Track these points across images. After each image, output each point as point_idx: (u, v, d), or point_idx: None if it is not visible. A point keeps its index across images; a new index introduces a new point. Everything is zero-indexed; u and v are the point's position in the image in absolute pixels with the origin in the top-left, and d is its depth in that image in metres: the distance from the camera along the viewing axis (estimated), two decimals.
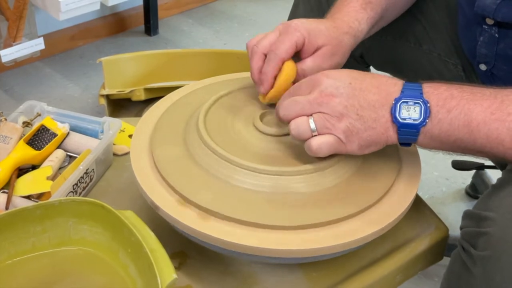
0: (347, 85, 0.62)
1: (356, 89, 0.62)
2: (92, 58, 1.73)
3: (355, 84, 0.62)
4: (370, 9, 0.78)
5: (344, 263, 0.72)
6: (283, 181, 0.65)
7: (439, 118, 0.59)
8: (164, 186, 0.67)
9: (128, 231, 0.63)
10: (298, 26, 0.71)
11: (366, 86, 0.62)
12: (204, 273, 0.71)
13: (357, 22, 0.76)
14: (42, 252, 0.69)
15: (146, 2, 1.83)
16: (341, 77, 0.63)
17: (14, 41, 1.38)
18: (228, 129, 0.72)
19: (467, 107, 0.59)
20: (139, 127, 0.76)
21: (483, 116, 0.58)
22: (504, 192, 0.61)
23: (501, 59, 0.77)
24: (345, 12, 0.77)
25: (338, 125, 0.61)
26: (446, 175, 1.39)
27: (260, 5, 2.13)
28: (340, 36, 0.74)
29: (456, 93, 0.60)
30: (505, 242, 0.57)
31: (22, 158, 0.83)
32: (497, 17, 0.72)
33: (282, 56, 0.70)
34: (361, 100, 0.61)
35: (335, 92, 0.62)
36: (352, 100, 0.61)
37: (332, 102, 0.61)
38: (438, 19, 0.89)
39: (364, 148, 0.63)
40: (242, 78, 0.84)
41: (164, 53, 1.46)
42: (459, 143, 0.60)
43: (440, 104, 0.60)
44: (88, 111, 1.54)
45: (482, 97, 0.59)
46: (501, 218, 0.58)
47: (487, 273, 0.58)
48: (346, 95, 0.61)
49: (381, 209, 0.65)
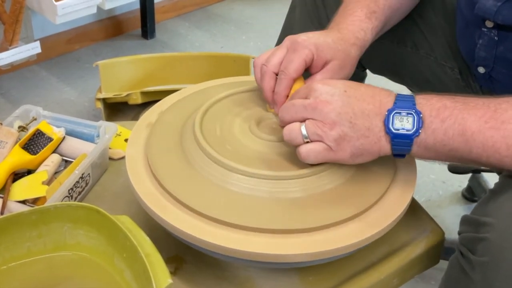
0: (342, 93, 0.62)
1: (351, 97, 0.62)
2: (89, 62, 1.73)
3: (350, 92, 0.62)
4: (374, 19, 0.78)
5: (340, 267, 0.72)
6: (279, 186, 0.65)
7: (433, 128, 0.60)
8: (160, 191, 0.67)
9: (123, 236, 0.63)
10: (305, 42, 0.70)
11: (361, 95, 0.62)
12: (200, 278, 0.71)
13: (363, 32, 0.76)
14: (38, 257, 0.69)
15: (143, 6, 1.83)
16: (337, 85, 0.63)
17: (10, 45, 1.37)
18: (224, 133, 0.72)
19: (460, 116, 0.59)
20: (135, 131, 0.76)
21: (478, 125, 0.58)
22: (502, 198, 0.61)
23: (500, 62, 0.77)
24: (350, 21, 0.76)
25: (330, 133, 0.61)
26: (443, 178, 1.40)
27: (256, 8, 2.13)
28: (347, 48, 0.74)
29: (449, 104, 0.60)
30: (504, 248, 0.57)
31: (18, 162, 0.83)
32: (497, 19, 0.72)
33: (293, 76, 0.70)
34: (355, 108, 0.61)
35: (330, 99, 0.62)
36: (346, 108, 0.61)
37: (326, 108, 0.61)
38: (436, 24, 0.89)
39: (356, 156, 0.63)
40: (239, 81, 0.84)
41: (160, 57, 1.46)
42: (455, 152, 0.60)
43: (433, 115, 0.60)
44: (84, 114, 1.54)
45: (475, 106, 0.59)
46: (500, 223, 0.59)
47: (486, 279, 0.58)
48: (340, 103, 0.62)
49: (377, 213, 0.65)
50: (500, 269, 0.57)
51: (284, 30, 1.01)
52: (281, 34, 1.02)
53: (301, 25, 0.96)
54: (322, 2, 0.93)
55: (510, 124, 0.57)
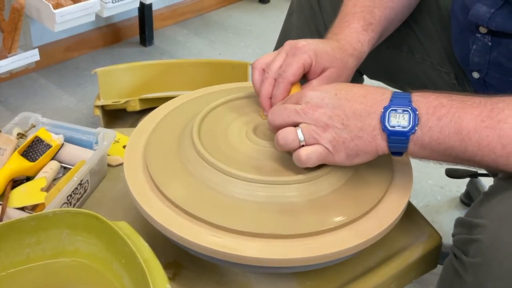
0: (332, 96, 0.63)
1: (342, 99, 0.62)
2: (88, 69, 1.74)
3: (341, 94, 0.63)
4: (371, 30, 0.78)
5: (338, 272, 0.72)
6: (276, 191, 0.65)
7: (429, 126, 0.60)
8: (158, 197, 0.67)
9: (122, 242, 0.63)
10: (305, 47, 0.71)
11: (352, 96, 0.63)
12: (198, 284, 0.71)
13: (359, 43, 0.76)
14: (37, 264, 0.69)
15: (141, 13, 1.83)
16: (328, 89, 0.64)
17: (9, 53, 1.38)
18: (222, 139, 0.72)
19: (457, 115, 0.59)
20: (133, 137, 0.76)
21: (474, 124, 0.58)
22: (495, 200, 0.62)
23: (493, 67, 0.78)
24: (347, 33, 0.77)
25: (324, 135, 0.62)
26: (441, 183, 1.40)
27: (254, 15, 2.14)
28: (345, 58, 0.74)
29: (446, 102, 0.60)
30: (496, 249, 0.57)
31: (17, 169, 0.83)
32: (490, 26, 0.73)
33: (291, 80, 0.70)
34: (346, 109, 0.62)
35: (320, 103, 0.62)
36: (337, 110, 0.62)
37: (317, 112, 0.62)
38: (431, 29, 0.89)
39: (352, 157, 0.63)
40: (236, 88, 0.85)
41: (159, 64, 1.46)
42: (450, 151, 0.60)
43: (430, 112, 0.60)
44: (83, 122, 1.54)
45: (472, 105, 0.59)
46: (492, 225, 0.59)
47: (479, 280, 0.59)
48: (331, 106, 0.62)
49: (372, 219, 0.65)
50: (492, 270, 0.57)
51: (282, 36, 1.02)
52: (279, 40, 1.03)
53: (299, 31, 0.96)
54: (319, 8, 0.94)
55: (506, 123, 0.57)
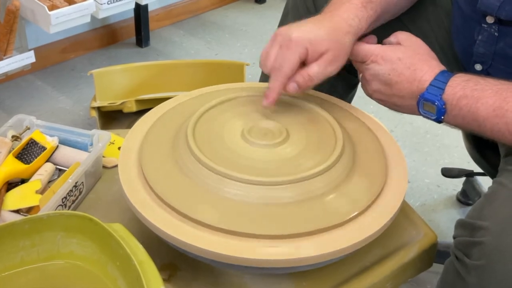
0: (386, 75, 0.73)
1: (392, 81, 0.73)
2: (84, 71, 1.73)
3: (393, 76, 0.73)
4: (370, 8, 0.78)
5: (334, 272, 0.72)
6: (271, 191, 0.65)
7: (454, 115, 0.69)
8: (153, 198, 0.67)
9: (116, 244, 0.63)
10: (299, 39, 0.72)
11: (401, 81, 0.72)
12: (194, 285, 0.71)
13: (357, 19, 0.77)
14: (31, 266, 0.69)
15: (137, 14, 1.83)
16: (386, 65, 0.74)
17: (4, 55, 1.37)
18: (217, 140, 0.72)
19: (474, 106, 0.67)
20: (127, 139, 0.76)
21: (486, 113, 0.66)
22: (498, 202, 0.62)
23: (498, 58, 0.77)
24: (345, 8, 0.77)
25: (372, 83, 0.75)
26: (437, 182, 1.40)
27: (250, 15, 2.13)
28: (341, 38, 0.75)
29: (469, 92, 0.68)
30: (500, 252, 0.57)
31: (11, 172, 0.83)
32: (500, 15, 0.73)
33: (288, 74, 0.72)
34: (394, 91, 0.74)
35: (371, 79, 0.75)
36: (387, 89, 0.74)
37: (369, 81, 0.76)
38: (428, 29, 0.89)
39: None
40: (232, 88, 0.85)
41: (155, 65, 1.46)
42: (472, 131, 0.70)
43: (454, 104, 0.69)
44: (79, 123, 1.54)
45: (489, 94, 0.67)
46: (495, 227, 0.59)
47: (482, 282, 0.59)
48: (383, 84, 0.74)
49: (367, 218, 0.65)
50: (495, 272, 0.57)
51: None
52: None
53: None
54: (314, 7, 0.93)
55: None
